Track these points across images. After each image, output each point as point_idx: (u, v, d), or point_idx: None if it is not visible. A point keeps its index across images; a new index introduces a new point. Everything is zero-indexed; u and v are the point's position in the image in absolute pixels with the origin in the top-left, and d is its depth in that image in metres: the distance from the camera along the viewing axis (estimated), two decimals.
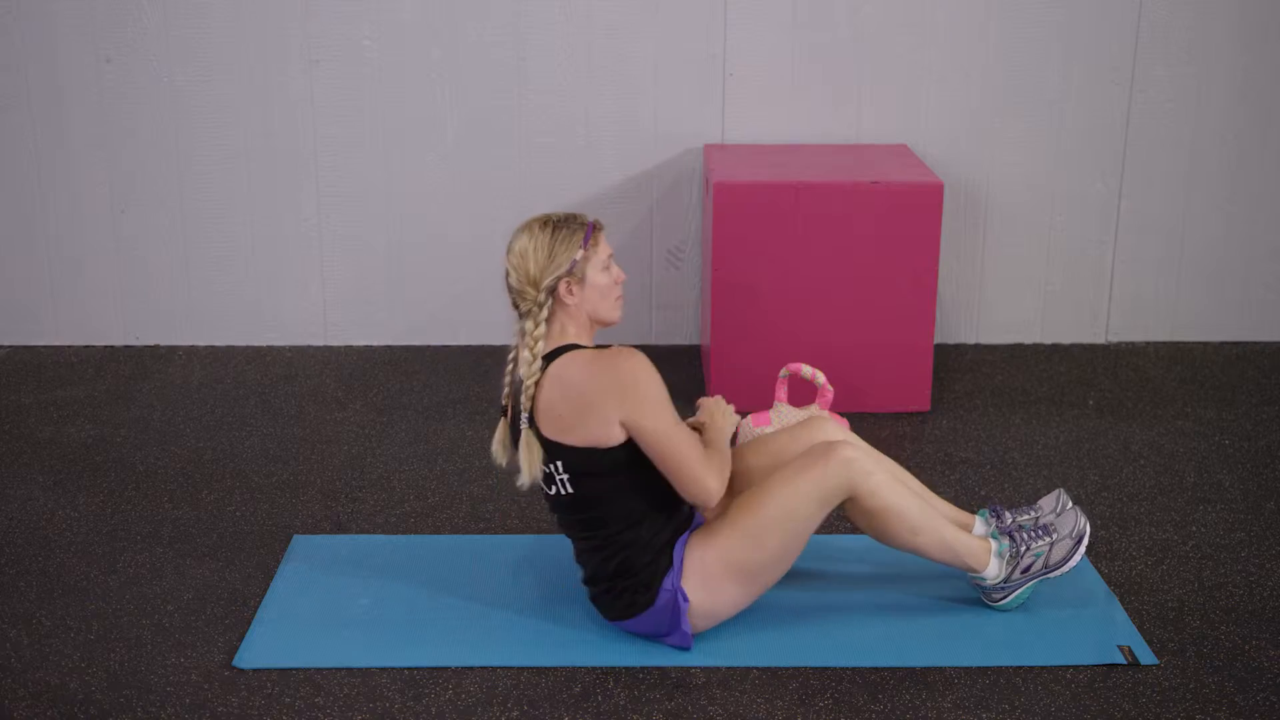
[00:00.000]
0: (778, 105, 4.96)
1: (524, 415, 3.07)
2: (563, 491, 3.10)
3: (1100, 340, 5.22)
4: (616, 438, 3.03)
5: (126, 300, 5.12)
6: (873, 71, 4.93)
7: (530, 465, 3.08)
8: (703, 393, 4.68)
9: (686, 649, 3.16)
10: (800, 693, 3.02)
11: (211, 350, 5.13)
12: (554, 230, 3.08)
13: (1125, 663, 3.12)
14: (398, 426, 4.44)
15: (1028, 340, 5.21)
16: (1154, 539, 3.71)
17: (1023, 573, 3.25)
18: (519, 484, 3.11)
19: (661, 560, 3.11)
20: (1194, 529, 3.76)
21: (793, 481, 3.10)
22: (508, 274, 3.10)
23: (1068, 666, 3.11)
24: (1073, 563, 3.24)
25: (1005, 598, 3.29)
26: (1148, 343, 5.21)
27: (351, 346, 5.17)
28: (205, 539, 3.70)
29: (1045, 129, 4.99)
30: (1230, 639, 3.22)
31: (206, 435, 4.37)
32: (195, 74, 4.89)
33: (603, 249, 3.12)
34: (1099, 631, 3.24)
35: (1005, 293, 5.14)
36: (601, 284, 3.11)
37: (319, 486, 4.02)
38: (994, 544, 3.26)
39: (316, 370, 4.95)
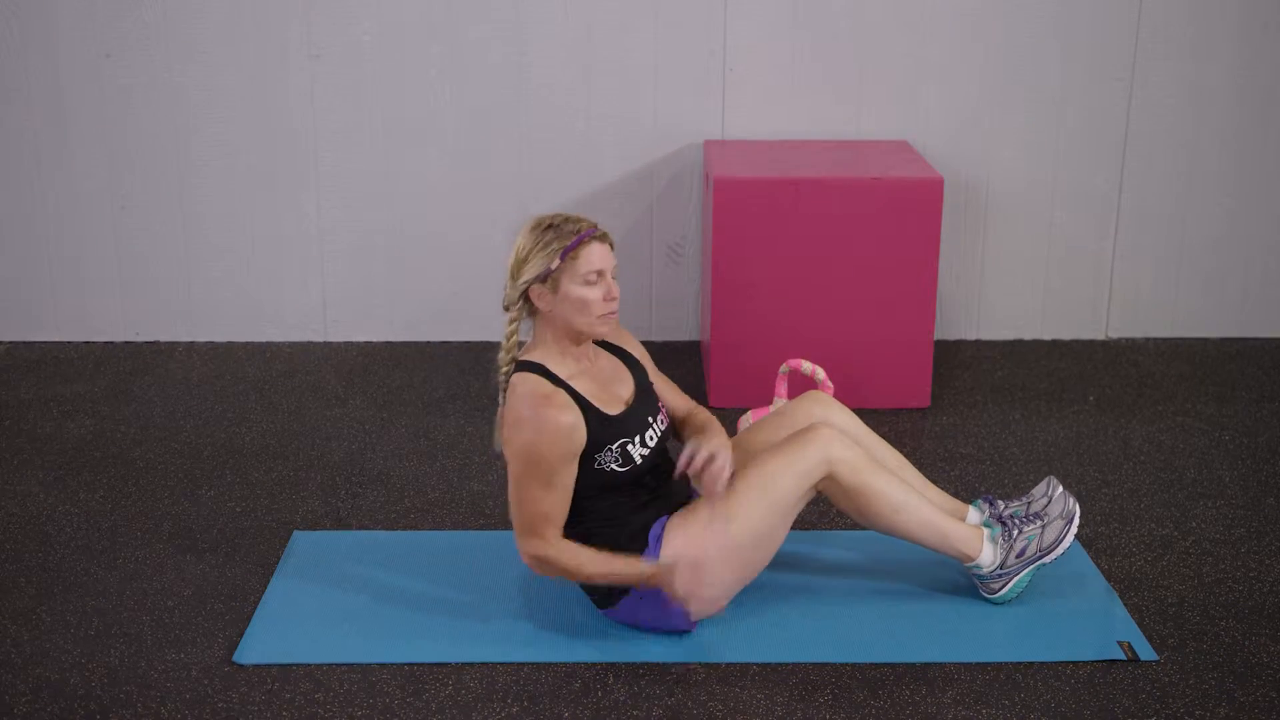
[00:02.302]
0: (778, 101, 4.95)
1: (500, 394, 3.15)
2: None
3: (1100, 336, 5.22)
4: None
5: (126, 296, 5.11)
6: (873, 67, 4.93)
7: (499, 437, 3.18)
8: (703, 388, 4.68)
9: (689, 630, 3.15)
10: (800, 688, 3.02)
11: (211, 346, 5.13)
12: (543, 233, 3.07)
13: (1125, 658, 3.12)
14: (398, 422, 4.44)
15: (1028, 336, 5.21)
16: (1154, 535, 3.71)
17: (1017, 557, 3.25)
18: (495, 441, 3.22)
19: (635, 545, 3.12)
20: (1194, 525, 3.76)
21: (771, 459, 3.14)
22: None
23: (1067, 662, 3.11)
24: (1065, 543, 3.24)
25: (1003, 587, 3.28)
26: (1147, 339, 5.21)
27: (351, 342, 5.17)
28: (205, 535, 3.71)
29: (1045, 125, 4.99)
30: (1230, 635, 3.23)
31: (206, 431, 4.37)
32: (195, 69, 4.89)
33: (587, 262, 3.05)
34: (1099, 627, 3.24)
35: (1005, 288, 5.14)
36: (577, 297, 3.06)
37: (319, 482, 4.02)
38: (986, 530, 3.27)
39: (316, 366, 4.95)
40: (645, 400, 3.23)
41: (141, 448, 4.25)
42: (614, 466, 3.09)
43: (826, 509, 3.82)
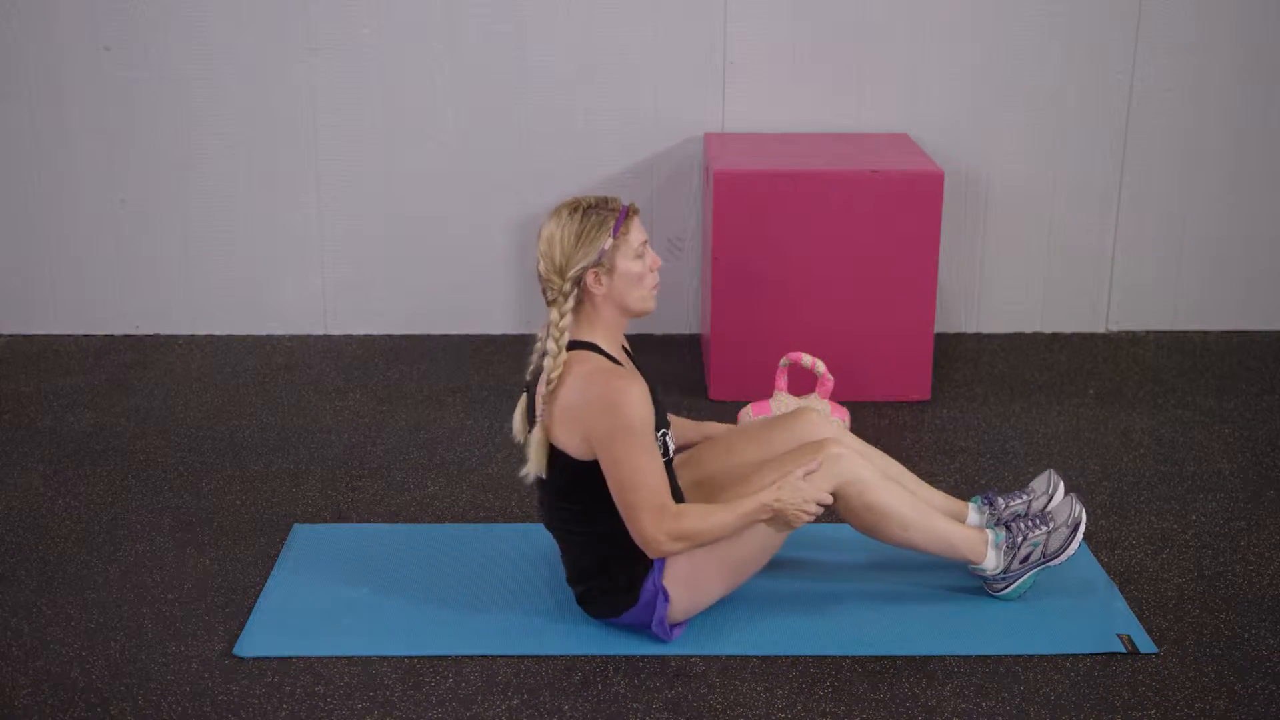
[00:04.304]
0: (778, 94, 4.95)
1: (540, 406, 3.04)
2: (543, 477, 3.09)
3: (1100, 329, 5.21)
4: (581, 454, 3.01)
5: (126, 289, 5.11)
6: (873, 60, 4.92)
7: (537, 458, 3.05)
8: (703, 382, 4.68)
9: (665, 641, 3.14)
10: (800, 681, 3.02)
11: (211, 339, 5.13)
12: (583, 217, 2.99)
13: (1125, 651, 3.12)
14: (398, 415, 4.44)
15: (1028, 329, 5.20)
16: (1154, 528, 3.71)
17: (1021, 562, 3.25)
18: (522, 474, 3.11)
19: (643, 559, 3.09)
20: (1194, 518, 3.76)
21: (778, 476, 3.10)
22: (537, 261, 3.04)
23: (1067, 655, 3.11)
24: (1070, 551, 3.25)
25: (1007, 588, 3.29)
26: (1148, 331, 5.21)
27: (351, 335, 5.17)
28: (205, 528, 3.71)
29: (1046, 117, 4.98)
30: (1230, 627, 3.23)
31: (206, 424, 4.37)
32: (195, 62, 4.88)
33: (635, 235, 3.02)
34: (1098, 620, 3.24)
35: (1005, 281, 5.13)
36: (633, 272, 3.02)
37: (319, 475, 4.02)
38: (990, 535, 3.26)
39: (316, 359, 4.95)
40: (661, 400, 3.23)
41: (141, 441, 4.25)
42: None
43: None
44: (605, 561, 3.10)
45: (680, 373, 4.79)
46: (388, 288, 5.13)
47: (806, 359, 3.82)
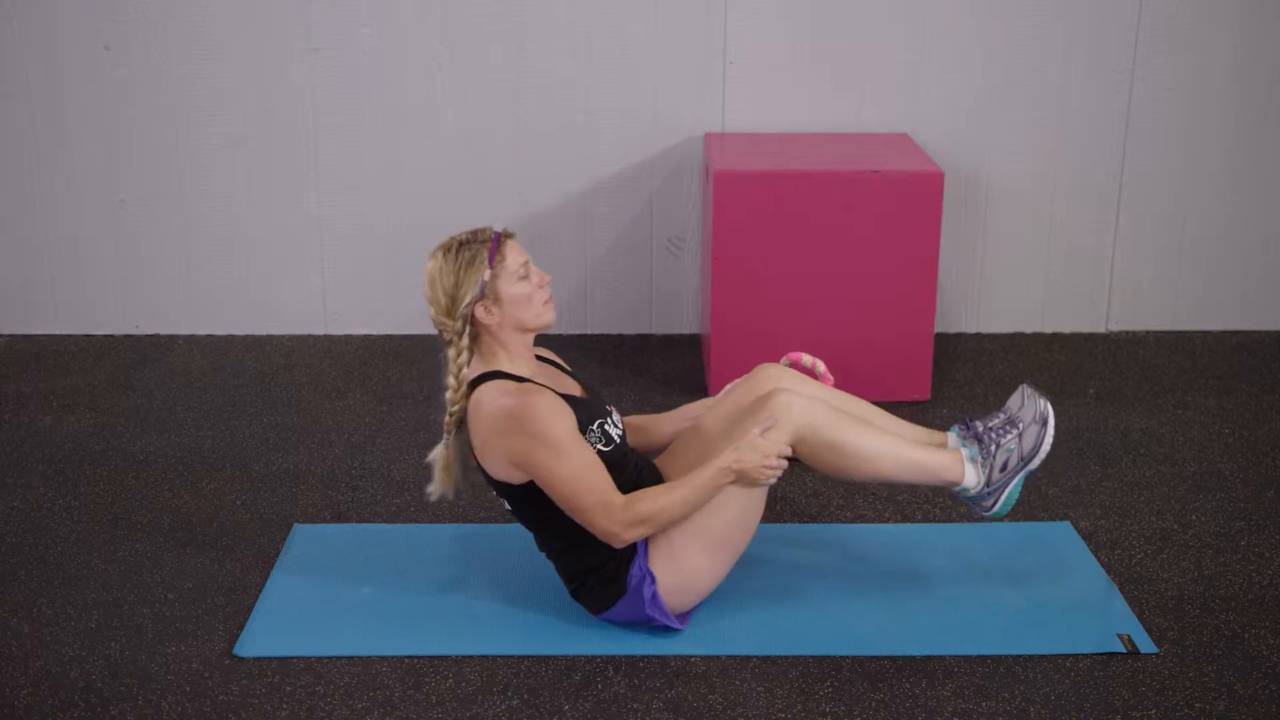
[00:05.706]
0: (778, 94, 4.95)
1: (445, 436, 3.13)
2: (506, 508, 3.18)
3: (1100, 329, 5.21)
4: (516, 478, 3.06)
5: (126, 289, 5.11)
6: (873, 60, 4.92)
7: (439, 479, 3.18)
8: (703, 382, 4.68)
9: (680, 629, 3.16)
10: (800, 681, 3.02)
11: (211, 339, 5.12)
12: (457, 254, 3.06)
13: (1125, 651, 3.12)
14: (398, 415, 4.44)
15: (1028, 329, 5.20)
16: (1154, 528, 3.71)
17: (1001, 471, 3.21)
18: (427, 491, 3.22)
19: (624, 550, 3.11)
20: (1194, 518, 3.76)
21: (733, 439, 3.10)
22: (429, 308, 3.10)
23: (1067, 655, 3.11)
24: (1046, 446, 3.18)
25: (995, 504, 3.22)
26: (1148, 332, 5.21)
27: (351, 335, 5.17)
28: (205, 528, 3.71)
29: (1046, 117, 4.98)
30: (1230, 628, 3.23)
31: (206, 424, 4.37)
32: (195, 62, 4.88)
33: (513, 259, 3.07)
34: (1098, 620, 3.24)
35: (1006, 282, 5.13)
36: (520, 295, 3.07)
37: (319, 475, 4.02)
38: (964, 451, 3.22)
39: (316, 359, 4.95)
40: (598, 393, 3.28)
41: (141, 441, 4.25)
42: (600, 448, 3.08)
43: (825, 503, 3.82)
44: (588, 560, 3.13)
45: (680, 373, 4.79)
46: (388, 288, 5.13)
47: (806, 359, 3.81)
